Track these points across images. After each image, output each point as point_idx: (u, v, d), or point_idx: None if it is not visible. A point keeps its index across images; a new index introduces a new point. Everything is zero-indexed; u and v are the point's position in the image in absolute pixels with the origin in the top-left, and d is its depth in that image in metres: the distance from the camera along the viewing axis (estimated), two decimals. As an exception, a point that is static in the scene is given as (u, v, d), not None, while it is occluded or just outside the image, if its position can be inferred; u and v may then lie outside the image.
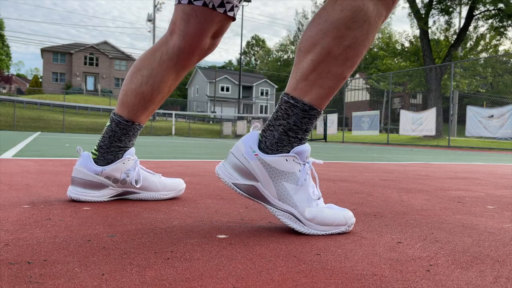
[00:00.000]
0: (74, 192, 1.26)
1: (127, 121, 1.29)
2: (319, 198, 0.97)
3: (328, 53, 0.93)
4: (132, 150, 1.32)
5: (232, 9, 1.19)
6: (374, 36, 0.97)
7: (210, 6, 1.15)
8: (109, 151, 1.29)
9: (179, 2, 1.17)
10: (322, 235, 0.94)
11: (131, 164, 1.30)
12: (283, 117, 0.96)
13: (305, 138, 0.98)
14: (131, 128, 1.30)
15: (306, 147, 0.96)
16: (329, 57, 0.93)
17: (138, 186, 1.29)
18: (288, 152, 0.96)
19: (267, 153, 0.96)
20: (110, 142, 1.29)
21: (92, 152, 1.30)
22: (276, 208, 0.95)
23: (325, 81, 0.94)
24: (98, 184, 1.27)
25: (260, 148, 0.97)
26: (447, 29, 23.14)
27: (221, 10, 1.16)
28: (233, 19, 1.22)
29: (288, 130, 0.96)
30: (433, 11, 20.57)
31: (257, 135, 0.98)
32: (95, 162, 1.28)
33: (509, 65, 22.75)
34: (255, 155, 0.95)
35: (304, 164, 0.96)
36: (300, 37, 1.02)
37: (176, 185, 1.39)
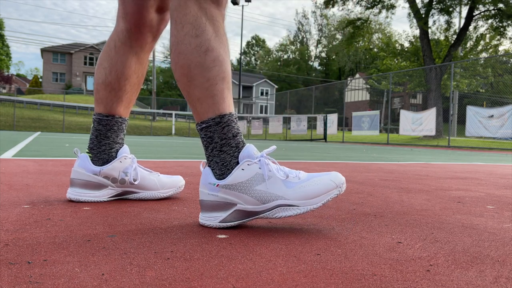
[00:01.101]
0: (73, 193, 1.26)
1: (107, 116, 1.31)
2: (288, 176, 0.97)
3: (196, 66, 1.00)
4: (126, 148, 1.33)
5: None
6: (224, 29, 1.06)
7: None
8: (101, 151, 1.30)
9: None
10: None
11: (128, 163, 1.30)
12: (209, 142, 1.02)
13: (241, 141, 1.02)
14: (113, 122, 1.32)
15: (249, 147, 0.99)
16: (199, 68, 1.00)
17: (136, 183, 1.30)
18: (238, 163, 0.98)
19: (224, 178, 0.99)
20: (99, 141, 1.31)
21: (87, 153, 1.31)
22: (267, 211, 0.96)
23: (212, 89, 1.01)
24: (98, 184, 1.27)
25: (218, 179, 1.00)
26: (447, 29, 23.14)
27: None
28: None
29: (221, 147, 1.00)
30: (433, 11, 20.57)
31: (209, 171, 1.01)
32: (92, 163, 1.28)
33: (509, 65, 22.75)
34: (217, 186, 0.98)
35: (259, 160, 0.98)
36: (298, 36, 1.04)
37: (176, 182, 1.39)
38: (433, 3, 20.31)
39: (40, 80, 54.44)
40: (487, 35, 21.67)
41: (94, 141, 1.31)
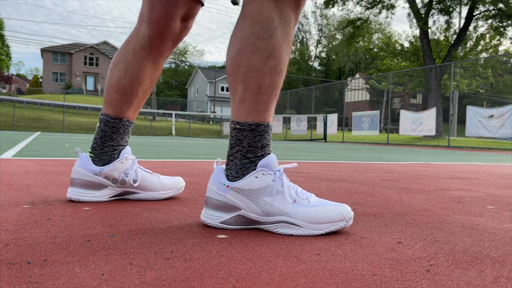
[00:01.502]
0: (74, 193, 1.26)
1: (115, 118, 1.29)
2: (295, 201, 0.96)
3: (252, 69, 0.96)
4: (128, 149, 1.32)
5: None
6: (292, 39, 1.00)
7: None
8: (103, 152, 1.29)
9: None
10: (322, 234, 0.94)
11: (129, 164, 1.30)
12: (236, 143, 0.99)
13: (267, 153, 1.00)
14: (120, 125, 1.30)
15: (270, 157, 0.98)
16: (255, 73, 0.96)
17: (136, 185, 1.29)
18: (255, 169, 0.97)
19: (237, 181, 0.98)
20: (103, 142, 1.29)
21: (89, 153, 1.30)
22: (269, 224, 0.95)
23: (260, 97, 0.97)
24: (98, 185, 1.27)
25: (229, 180, 0.99)
26: (447, 29, 23.14)
27: None
28: (202, 3, 1.22)
29: (246, 153, 0.98)
30: (433, 11, 20.57)
31: (221, 169, 1.01)
32: (93, 163, 1.28)
33: (509, 65, 22.75)
34: (227, 187, 0.97)
35: (275, 173, 0.96)
36: (298, 36, 1.03)
37: (176, 184, 1.39)
38: (433, 3, 20.31)
39: (40, 80, 54.45)
40: (487, 35, 21.67)
41: (98, 141, 1.29)
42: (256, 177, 0.96)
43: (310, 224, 0.93)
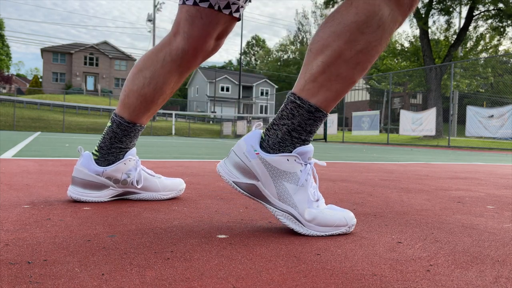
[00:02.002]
0: (74, 192, 1.26)
1: (129, 122, 1.27)
2: (318, 200, 0.96)
3: (339, 56, 0.91)
4: (133, 150, 1.31)
5: (237, 10, 1.17)
6: (388, 42, 0.96)
7: (216, 8, 1.12)
8: (110, 152, 1.28)
9: (183, 3, 1.14)
10: (322, 236, 0.94)
11: (132, 165, 1.30)
12: (288, 117, 0.95)
13: (309, 140, 0.97)
14: (133, 129, 1.29)
15: (309, 147, 0.96)
16: (340, 60, 0.92)
17: (139, 186, 1.29)
18: (290, 152, 0.95)
19: (269, 152, 0.95)
20: (111, 143, 1.28)
21: (93, 153, 1.30)
22: (276, 208, 0.94)
23: (334, 84, 0.93)
24: (99, 185, 1.27)
25: (262, 147, 0.96)
26: (447, 29, 23.15)
27: (226, 11, 1.14)
28: (238, 19, 1.20)
29: (292, 130, 0.95)
30: (433, 11, 20.57)
31: (259, 134, 0.97)
32: (96, 162, 1.28)
33: (509, 65, 22.75)
34: (256, 153, 0.95)
35: (306, 165, 0.95)
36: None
37: (176, 185, 1.40)
38: (433, 3, 20.31)
39: (40, 80, 54.45)
40: (487, 35, 21.68)
41: (107, 141, 1.28)
42: (288, 160, 0.94)
43: (314, 226, 0.93)
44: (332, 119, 19.73)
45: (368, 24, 0.90)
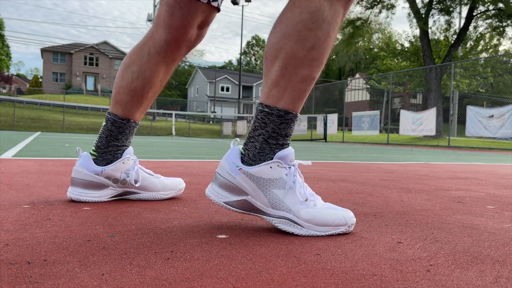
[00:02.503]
0: (74, 192, 1.26)
1: (123, 119, 1.29)
2: (306, 200, 0.95)
3: (293, 56, 0.95)
4: (130, 149, 1.32)
5: (216, 0, 1.19)
6: (336, 33, 1.00)
7: None
8: (107, 151, 1.29)
9: None
10: (322, 236, 0.94)
11: (131, 164, 1.30)
12: (261, 126, 0.98)
13: (287, 143, 0.99)
14: (127, 126, 1.30)
15: (289, 150, 0.97)
16: (295, 60, 0.95)
17: (137, 185, 1.29)
18: (271, 159, 0.96)
19: (251, 165, 0.97)
20: (108, 141, 1.29)
21: (90, 153, 1.30)
22: (272, 217, 0.95)
23: (295, 85, 0.96)
24: (99, 184, 1.27)
25: (243, 161, 0.98)
26: (447, 29, 23.15)
27: (204, 0, 1.16)
28: (218, 9, 1.22)
29: (268, 138, 0.97)
30: (433, 11, 20.57)
31: (238, 150, 0.99)
32: (95, 162, 1.28)
33: (509, 65, 22.75)
34: (239, 169, 0.96)
35: (290, 167, 0.96)
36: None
37: (176, 185, 1.40)
38: (433, 3, 20.31)
39: (40, 80, 54.45)
40: (487, 35, 21.68)
41: (103, 140, 1.29)
42: (271, 167, 0.95)
43: (313, 226, 0.93)
44: (332, 119, 19.73)
45: (313, 21, 0.94)
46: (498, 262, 0.77)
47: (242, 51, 44.51)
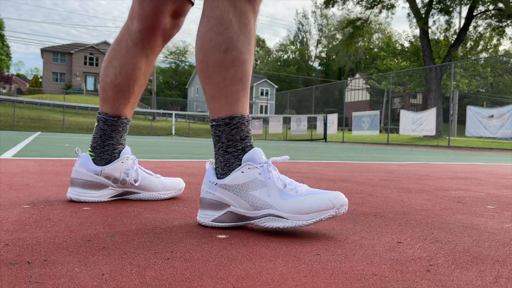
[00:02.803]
0: (74, 193, 1.26)
1: (113, 116, 1.30)
2: (285, 186, 0.95)
3: (214, 64, 0.99)
4: (128, 149, 1.33)
5: None
6: (252, 29, 1.02)
7: None
8: (104, 151, 1.29)
9: None
10: (310, 224, 0.91)
11: (130, 164, 1.30)
12: (217, 140, 1.02)
13: (249, 145, 1.01)
14: (119, 123, 1.31)
15: (254, 151, 0.98)
16: (217, 67, 0.99)
17: (136, 184, 1.29)
18: (240, 165, 0.98)
19: (224, 178, 0.99)
20: (102, 141, 1.30)
21: (89, 153, 1.30)
22: (257, 219, 0.95)
23: (227, 89, 1.00)
24: (98, 184, 1.27)
25: (218, 178, 1.01)
26: (447, 29, 23.16)
27: None
28: (192, 3, 1.24)
29: (226, 148, 1.00)
30: (433, 11, 20.58)
31: (212, 168, 1.02)
32: (94, 162, 1.28)
33: (509, 65, 22.74)
34: (215, 184, 0.98)
35: (262, 166, 0.96)
36: (298, 36, 1.04)
37: (176, 184, 1.40)
38: (433, 3, 20.32)
39: (40, 80, 54.43)
40: (487, 35, 21.69)
41: (98, 140, 1.30)
42: (242, 172, 0.96)
43: (296, 215, 0.91)
44: (332, 119, 19.73)
45: (220, 24, 0.98)
46: (498, 262, 0.77)
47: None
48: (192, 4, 1.25)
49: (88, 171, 1.26)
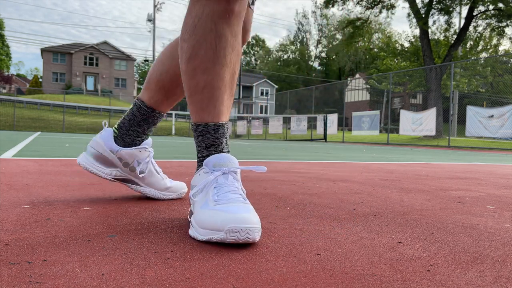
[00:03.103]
0: (85, 160, 1.27)
1: (148, 107, 1.29)
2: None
3: (182, 72, 1.00)
4: (149, 141, 1.32)
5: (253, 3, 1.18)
6: (221, 31, 0.95)
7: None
8: (127, 134, 1.29)
9: None
10: (203, 240, 0.84)
11: (146, 155, 1.30)
12: (199, 139, 1.03)
13: (212, 153, 1.00)
14: (151, 115, 1.30)
15: (212, 157, 0.96)
16: (183, 76, 1.01)
17: (141, 176, 1.30)
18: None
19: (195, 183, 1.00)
20: (130, 125, 1.29)
21: (114, 129, 1.30)
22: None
23: (192, 98, 1.00)
24: (110, 162, 1.27)
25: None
26: (447, 29, 23.16)
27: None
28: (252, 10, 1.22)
29: (197, 152, 1.04)
30: (433, 11, 20.58)
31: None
32: (114, 140, 1.28)
33: (509, 65, 22.75)
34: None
35: (212, 172, 0.95)
36: (298, 36, 1.04)
37: (178, 188, 1.40)
38: (433, 3, 20.32)
39: (40, 80, 54.43)
40: (487, 35, 21.69)
41: (126, 123, 1.30)
42: (199, 175, 0.97)
43: (198, 228, 0.86)
44: (332, 119, 19.73)
45: (185, 31, 0.97)
46: (498, 262, 0.77)
47: (242, 51, 44.46)
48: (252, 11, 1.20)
49: (106, 146, 1.26)
